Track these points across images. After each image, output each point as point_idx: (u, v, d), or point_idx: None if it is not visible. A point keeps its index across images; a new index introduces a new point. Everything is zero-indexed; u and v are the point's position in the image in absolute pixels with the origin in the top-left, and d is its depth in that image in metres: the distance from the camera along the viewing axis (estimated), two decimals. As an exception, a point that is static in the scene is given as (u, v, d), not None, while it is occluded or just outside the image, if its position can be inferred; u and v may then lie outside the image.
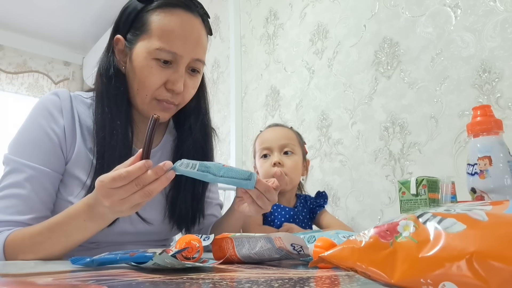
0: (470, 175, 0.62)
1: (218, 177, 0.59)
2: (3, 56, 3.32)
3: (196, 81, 0.77)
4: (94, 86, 0.77)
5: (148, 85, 0.71)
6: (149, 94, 0.72)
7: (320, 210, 1.16)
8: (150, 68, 0.70)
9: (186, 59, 0.71)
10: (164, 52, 0.69)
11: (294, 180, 1.13)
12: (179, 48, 0.70)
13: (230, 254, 0.55)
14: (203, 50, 0.76)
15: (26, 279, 0.39)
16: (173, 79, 0.71)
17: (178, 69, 0.71)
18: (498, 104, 1.04)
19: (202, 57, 0.75)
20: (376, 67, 1.37)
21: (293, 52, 1.76)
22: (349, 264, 0.28)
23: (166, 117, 0.77)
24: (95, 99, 0.74)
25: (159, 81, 0.71)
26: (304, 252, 0.49)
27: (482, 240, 0.22)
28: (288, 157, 1.11)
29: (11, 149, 0.70)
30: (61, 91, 0.75)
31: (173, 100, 0.73)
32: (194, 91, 0.78)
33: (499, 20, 1.05)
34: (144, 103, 0.73)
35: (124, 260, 0.47)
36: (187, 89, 0.75)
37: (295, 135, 1.18)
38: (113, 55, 0.76)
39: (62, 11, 2.91)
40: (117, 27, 0.77)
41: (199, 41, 0.74)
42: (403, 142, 1.25)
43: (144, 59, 0.70)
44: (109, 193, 0.53)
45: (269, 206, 0.67)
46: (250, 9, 2.09)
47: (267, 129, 1.21)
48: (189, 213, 0.81)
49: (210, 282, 0.36)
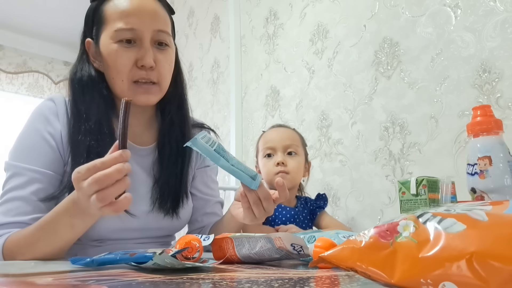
0: (470, 175, 0.62)
1: (230, 165, 0.58)
2: (3, 56, 3.32)
3: (167, 55, 0.76)
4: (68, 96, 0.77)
5: (120, 68, 0.72)
6: (125, 78, 0.72)
7: (320, 212, 1.17)
8: (116, 52, 0.71)
9: (147, 33, 0.72)
10: (122, 31, 0.71)
11: (296, 180, 1.14)
12: (136, 23, 0.71)
13: (230, 254, 0.55)
14: (163, 21, 0.75)
15: (26, 279, 0.39)
16: (140, 55, 0.72)
17: (143, 45, 0.72)
18: (498, 104, 1.04)
19: (163, 27, 0.75)
20: (376, 67, 1.37)
21: (293, 52, 1.76)
22: (349, 264, 0.28)
23: (152, 100, 0.76)
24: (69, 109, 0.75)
25: (128, 60, 0.71)
26: (304, 252, 0.49)
27: (482, 240, 0.22)
28: (292, 157, 1.12)
29: (11, 155, 0.72)
30: (56, 96, 0.77)
31: (148, 76, 0.73)
32: (169, 66, 0.78)
33: (499, 20, 1.05)
34: (124, 89, 0.73)
35: (124, 260, 0.47)
36: (160, 64, 0.74)
37: (298, 136, 1.19)
38: (84, 60, 0.77)
39: (62, 11, 2.91)
40: (84, 33, 0.79)
41: (155, 13, 0.74)
42: (403, 142, 1.25)
43: (108, 45, 0.72)
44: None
45: (263, 217, 0.66)
46: (250, 9, 2.09)
47: (271, 129, 1.22)
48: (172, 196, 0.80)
49: (210, 282, 0.36)
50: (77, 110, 0.73)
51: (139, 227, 0.77)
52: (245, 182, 0.61)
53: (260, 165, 1.17)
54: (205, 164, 0.92)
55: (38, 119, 0.73)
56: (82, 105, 0.73)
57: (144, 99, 0.74)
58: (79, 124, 0.72)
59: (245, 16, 2.11)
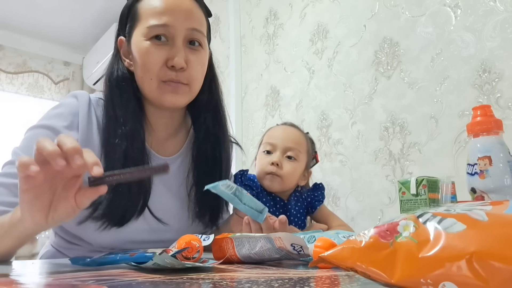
0: (470, 175, 0.62)
1: (241, 204, 0.65)
2: (3, 56, 3.32)
3: (200, 56, 0.73)
4: (103, 93, 0.75)
5: (150, 66, 0.69)
6: (154, 77, 0.69)
7: (320, 206, 1.13)
8: (147, 49, 0.69)
9: (180, 31, 0.69)
10: (155, 28, 0.68)
11: (287, 185, 1.07)
12: (169, 20, 0.68)
13: (230, 254, 0.55)
14: (198, 20, 0.72)
15: (26, 279, 0.39)
16: (171, 54, 0.69)
17: (175, 43, 0.69)
18: (498, 104, 1.04)
19: (198, 26, 0.71)
20: (376, 67, 1.37)
21: (293, 52, 1.76)
22: (349, 264, 0.28)
23: (180, 101, 0.72)
24: (104, 106, 0.73)
25: (159, 59, 0.69)
26: (304, 252, 0.49)
27: (482, 240, 0.22)
28: (289, 161, 1.06)
29: (20, 143, 0.69)
30: (81, 94, 0.74)
31: (178, 78, 0.70)
32: (202, 68, 0.74)
33: (499, 20, 1.05)
34: (152, 89, 0.70)
35: (124, 260, 0.47)
36: (191, 65, 0.71)
37: (306, 141, 1.11)
38: (118, 59, 0.75)
39: (62, 11, 2.91)
40: (118, 31, 0.77)
41: (191, 12, 0.71)
42: (403, 142, 1.25)
43: (140, 43, 0.70)
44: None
45: None
46: (250, 9, 2.09)
47: (280, 126, 1.16)
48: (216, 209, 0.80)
49: (210, 282, 0.36)
50: (114, 113, 0.70)
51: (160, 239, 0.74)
52: (253, 216, 0.67)
53: (257, 158, 1.13)
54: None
55: (54, 114, 0.70)
56: (118, 108, 0.71)
57: (171, 99, 0.71)
58: (115, 127, 0.69)
59: (245, 16, 2.11)
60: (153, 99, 0.72)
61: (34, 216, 0.47)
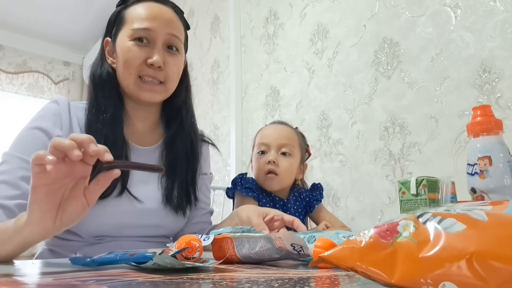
0: (470, 175, 0.62)
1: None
2: (3, 56, 3.32)
3: (176, 59, 0.81)
4: (87, 87, 0.82)
5: (130, 62, 0.76)
6: (132, 72, 0.76)
7: (318, 205, 1.14)
8: (130, 48, 0.76)
9: (160, 35, 0.77)
10: (139, 30, 0.76)
11: (285, 181, 1.10)
12: (152, 25, 0.77)
13: (230, 254, 0.55)
14: (177, 29, 0.81)
15: (26, 278, 0.39)
16: (151, 54, 0.77)
17: (155, 46, 0.77)
18: (498, 104, 1.04)
19: (177, 33, 0.80)
20: (376, 67, 1.37)
21: (293, 52, 1.76)
22: (349, 264, 0.28)
23: (155, 97, 0.80)
24: (88, 101, 0.79)
25: (139, 57, 0.76)
26: (304, 252, 0.49)
27: (482, 240, 0.22)
28: (285, 158, 1.09)
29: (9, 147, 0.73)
30: (61, 99, 0.81)
31: (155, 75, 0.77)
32: (177, 70, 0.82)
33: (499, 20, 1.05)
34: (130, 84, 0.77)
35: (124, 260, 0.47)
36: (168, 65, 0.78)
37: (297, 136, 1.15)
38: (103, 57, 0.82)
39: (62, 11, 2.91)
40: (104, 34, 0.85)
41: (171, 21, 0.80)
42: (403, 142, 1.25)
43: (124, 42, 0.77)
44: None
45: None
46: (250, 9, 2.09)
47: (270, 125, 1.19)
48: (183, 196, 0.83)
49: (210, 282, 0.36)
50: (96, 103, 0.78)
51: (141, 223, 0.78)
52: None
53: (253, 160, 1.15)
54: (203, 171, 0.92)
55: (40, 117, 0.76)
56: (101, 98, 0.78)
57: (148, 96, 0.78)
58: (97, 114, 0.76)
59: (245, 16, 2.12)
60: (131, 93, 0.79)
61: (43, 218, 0.49)
